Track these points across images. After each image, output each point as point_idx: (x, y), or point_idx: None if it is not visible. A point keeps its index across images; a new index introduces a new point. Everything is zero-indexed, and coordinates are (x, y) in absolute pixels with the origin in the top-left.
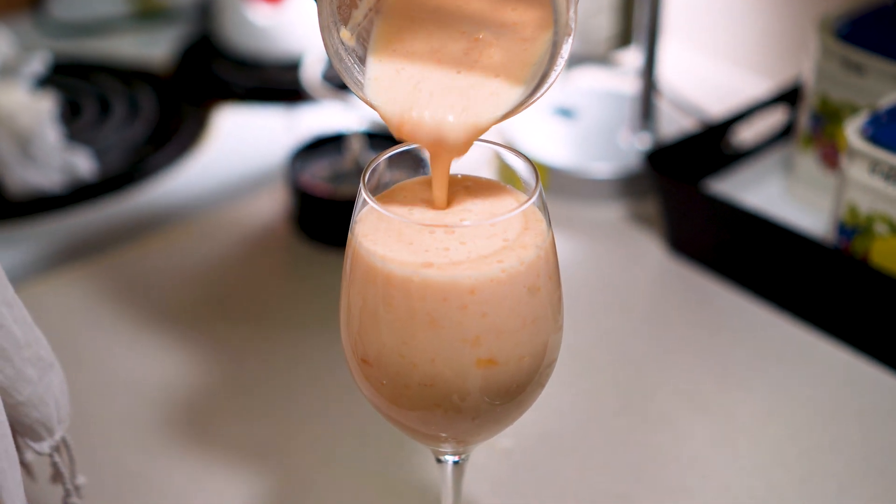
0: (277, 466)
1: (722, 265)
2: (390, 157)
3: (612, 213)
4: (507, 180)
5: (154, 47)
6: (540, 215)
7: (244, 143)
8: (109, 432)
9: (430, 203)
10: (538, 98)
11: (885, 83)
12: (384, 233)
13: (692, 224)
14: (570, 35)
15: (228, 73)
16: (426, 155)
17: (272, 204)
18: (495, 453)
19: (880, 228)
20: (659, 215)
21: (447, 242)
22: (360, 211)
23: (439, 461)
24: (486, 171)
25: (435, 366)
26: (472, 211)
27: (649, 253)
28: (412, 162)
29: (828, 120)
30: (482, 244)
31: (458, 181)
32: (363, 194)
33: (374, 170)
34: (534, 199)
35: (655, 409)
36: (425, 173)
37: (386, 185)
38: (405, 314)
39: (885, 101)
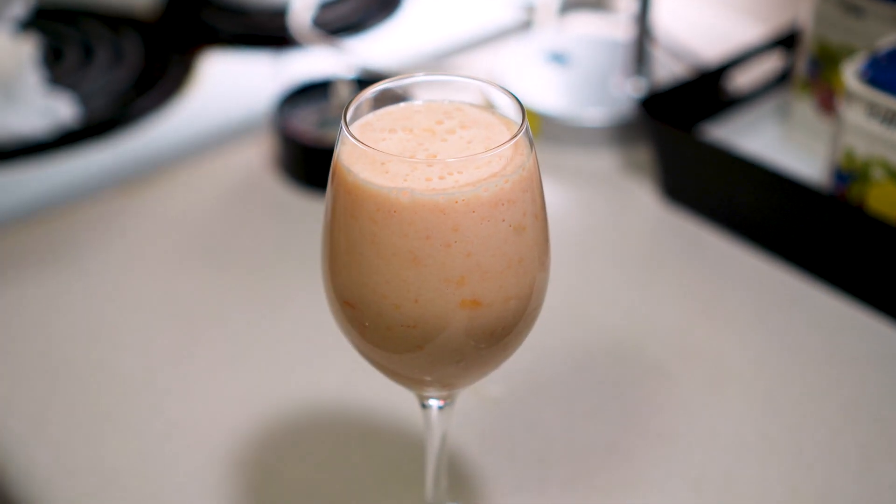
0: (261, 413)
1: (716, 212)
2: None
3: (606, 161)
4: None
5: None
6: (524, 148)
7: (231, 90)
8: (88, 378)
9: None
10: None
11: (884, 25)
12: (368, 162)
13: (686, 171)
14: None
15: (215, 18)
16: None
17: (259, 150)
18: (483, 402)
19: (877, 174)
20: (653, 162)
21: (429, 173)
22: (342, 143)
23: (424, 406)
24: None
25: (418, 307)
26: (462, 138)
27: (643, 201)
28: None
29: (825, 64)
30: (466, 174)
31: (451, 106)
32: (344, 130)
33: (357, 107)
34: (520, 134)
35: (647, 357)
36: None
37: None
38: (388, 251)
39: (885, 42)
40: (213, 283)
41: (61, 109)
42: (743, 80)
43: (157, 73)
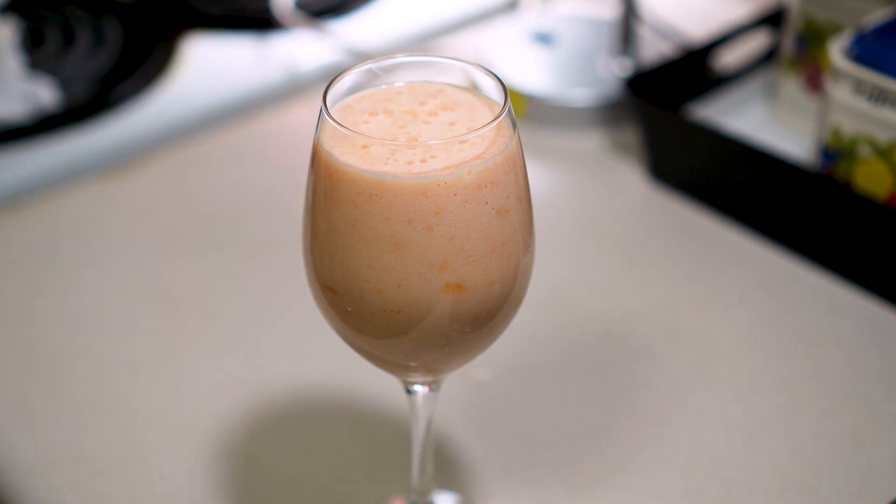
0: (244, 401)
1: (703, 193)
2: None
3: (592, 142)
4: None
5: None
6: (507, 130)
7: (214, 73)
8: (70, 367)
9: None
10: None
11: (870, 2)
12: (348, 146)
13: (673, 151)
14: None
15: (197, 1)
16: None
17: (243, 134)
18: (469, 386)
19: (864, 151)
20: (639, 143)
21: (410, 156)
22: (322, 126)
23: (409, 392)
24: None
25: (401, 291)
26: (445, 120)
27: (629, 181)
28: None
29: (812, 42)
30: (448, 156)
31: (432, 87)
32: (324, 113)
33: (337, 88)
34: (503, 115)
35: (635, 339)
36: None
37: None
38: (369, 235)
39: (871, 19)
40: (196, 269)
41: (42, 94)
42: (729, 58)
43: (138, 57)
